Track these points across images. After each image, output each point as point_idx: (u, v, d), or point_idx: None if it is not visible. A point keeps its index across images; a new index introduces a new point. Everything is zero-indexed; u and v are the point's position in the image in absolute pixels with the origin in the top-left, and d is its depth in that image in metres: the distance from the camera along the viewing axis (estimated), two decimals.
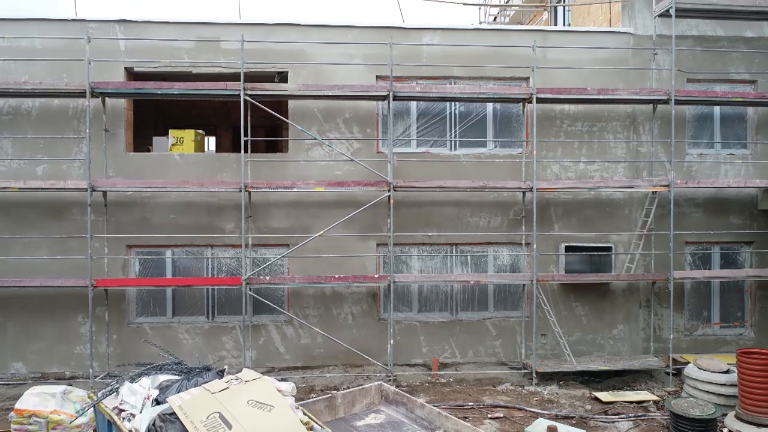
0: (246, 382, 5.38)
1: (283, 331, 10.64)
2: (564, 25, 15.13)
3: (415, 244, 10.86)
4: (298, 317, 10.58)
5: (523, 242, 10.87)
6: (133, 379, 5.90)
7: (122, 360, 10.36)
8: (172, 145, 10.88)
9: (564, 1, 14.60)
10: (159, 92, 9.68)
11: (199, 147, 11.15)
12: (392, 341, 10.02)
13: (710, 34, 11.15)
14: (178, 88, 9.66)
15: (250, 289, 9.91)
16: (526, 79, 10.86)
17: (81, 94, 9.68)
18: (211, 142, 17.62)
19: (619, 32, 11.04)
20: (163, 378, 6.00)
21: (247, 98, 9.73)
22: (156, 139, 11.23)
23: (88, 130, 9.60)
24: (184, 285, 9.93)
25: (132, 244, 10.42)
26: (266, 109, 9.85)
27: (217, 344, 10.54)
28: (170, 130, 11.01)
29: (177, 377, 6.02)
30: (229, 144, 14.95)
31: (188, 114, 14.69)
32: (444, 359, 10.84)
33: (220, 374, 5.86)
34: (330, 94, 9.91)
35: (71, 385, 9.88)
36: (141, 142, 12.23)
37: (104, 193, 10.11)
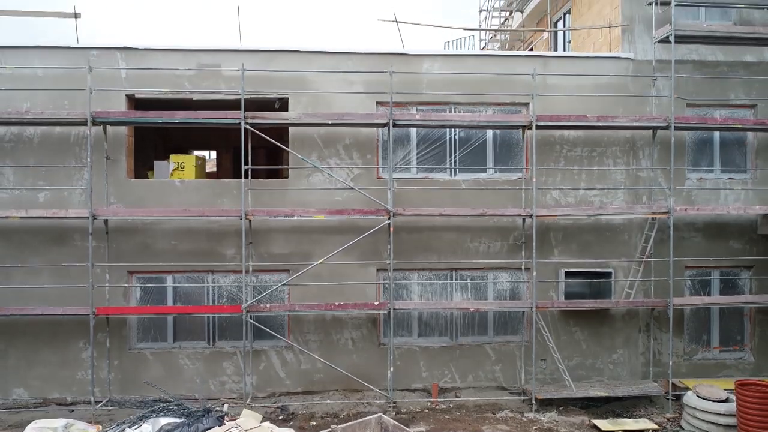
0: (246, 431, 5.41)
1: (283, 357, 10.68)
2: (564, 44, 15.13)
3: (415, 269, 10.89)
4: (299, 343, 10.62)
5: (523, 267, 10.89)
6: (133, 424, 5.94)
7: (123, 385, 10.42)
8: (173, 170, 10.92)
9: (564, 25, 14.62)
10: (160, 121, 9.74)
11: (200, 172, 11.19)
12: (392, 369, 10.05)
13: (710, 59, 11.16)
14: (179, 117, 9.72)
15: (250, 317, 9.94)
16: (526, 104, 10.88)
17: (82, 123, 9.73)
18: (212, 154, 17.68)
19: (618, 57, 11.06)
20: (164, 422, 6.05)
21: (248, 127, 9.77)
22: (157, 164, 11.27)
23: (89, 159, 9.65)
24: (184, 313, 9.98)
25: (133, 269, 10.47)
26: (267, 137, 9.89)
27: (218, 369, 10.58)
28: (171, 156, 11.07)
29: (177, 420, 6.07)
30: (229, 164, 14.99)
31: (189, 135, 14.73)
32: (444, 384, 10.86)
33: (220, 420, 5.90)
34: (330, 122, 9.96)
35: (72, 411, 9.99)
36: (142, 164, 12.26)
37: (105, 220, 10.15)
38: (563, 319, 10.99)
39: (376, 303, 10.13)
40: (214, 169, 16.11)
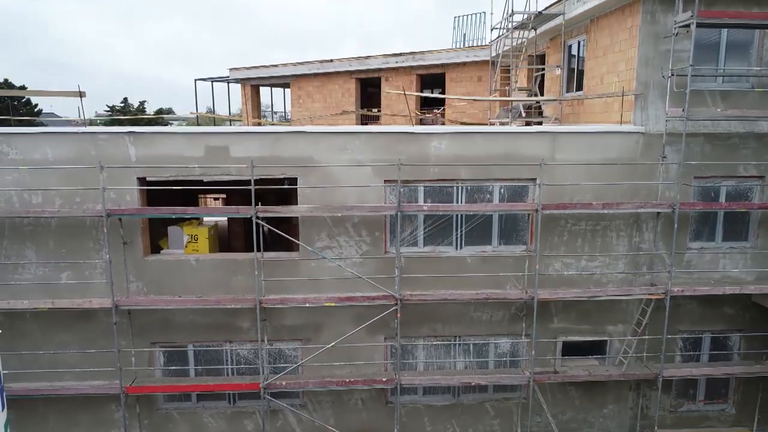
0: None
1: (298, 415, 11.60)
2: (578, 60, 14.64)
3: (420, 337, 11.52)
4: (312, 402, 11.54)
5: (523, 334, 11.48)
6: None
7: None
8: (188, 242, 11.28)
9: (578, 50, 14.08)
10: (174, 217, 9.98)
11: (213, 242, 11.53)
12: None
13: (722, 131, 10.97)
14: (191, 213, 9.96)
15: (269, 394, 10.73)
16: (534, 179, 10.93)
17: (98, 216, 10.00)
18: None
19: (629, 132, 10.92)
20: None
21: (259, 221, 10.02)
22: (171, 230, 11.56)
23: (107, 255, 10.04)
24: (206, 391, 10.78)
25: (155, 341, 11.15)
26: (276, 230, 10.16)
27: (239, 427, 11.57)
28: (184, 227, 11.35)
29: None
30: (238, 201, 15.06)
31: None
32: None
33: None
34: (340, 215, 10.17)
35: None
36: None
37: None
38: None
39: (384, 379, 10.86)
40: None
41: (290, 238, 10.37)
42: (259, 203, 10.12)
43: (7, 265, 10.56)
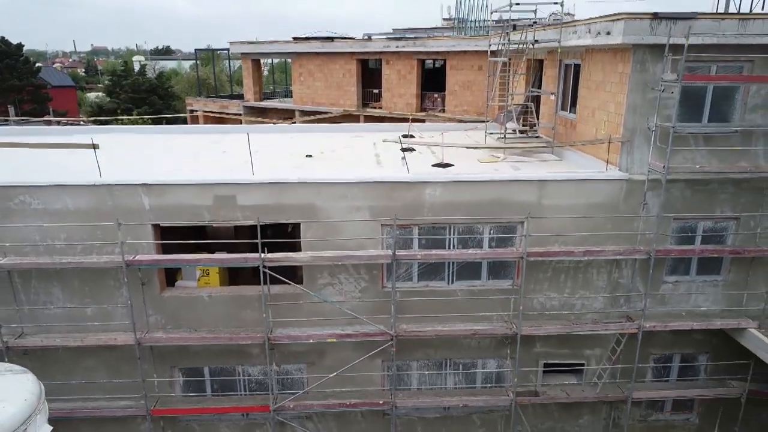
0: None
1: (304, 425, 12.96)
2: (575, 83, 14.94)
3: (414, 360, 12.66)
4: (317, 415, 12.85)
5: (508, 357, 12.61)
6: None
7: None
8: (200, 276, 12.21)
9: (572, 72, 14.35)
10: (187, 267, 10.85)
11: (224, 274, 12.46)
12: None
13: (701, 177, 11.54)
14: (204, 262, 10.82)
15: (278, 415, 12.02)
16: (522, 222, 11.66)
17: (118, 265, 10.89)
18: None
19: (613, 179, 11.52)
20: None
21: (266, 270, 10.89)
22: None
23: (129, 302, 11.01)
24: (222, 412, 12.05)
25: (175, 365, 12.33)
26: (280, 277, 11.05)
27: None
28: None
29: None
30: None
31: None
32: None
33: None
34: (340, 264, 11.02)
35: None
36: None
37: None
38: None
39: (381, 401, 12.09)
40: None
41: (297, 285, 11.27)
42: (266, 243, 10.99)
43: (37, 302, 11.58)
